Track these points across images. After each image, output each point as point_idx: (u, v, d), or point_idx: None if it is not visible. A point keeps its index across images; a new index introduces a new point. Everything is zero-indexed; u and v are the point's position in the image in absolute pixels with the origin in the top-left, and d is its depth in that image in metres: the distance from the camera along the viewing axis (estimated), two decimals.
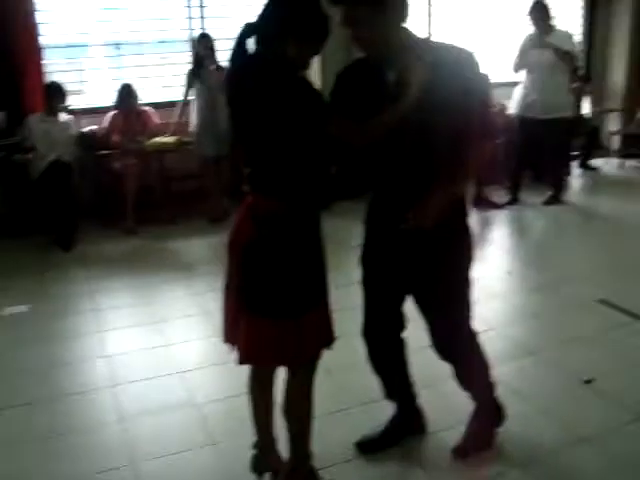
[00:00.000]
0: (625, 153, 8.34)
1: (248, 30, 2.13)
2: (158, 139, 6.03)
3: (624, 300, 4.05)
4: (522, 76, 6.30)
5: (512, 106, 6.44)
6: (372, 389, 2.76)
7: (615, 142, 8.62)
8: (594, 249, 5.27)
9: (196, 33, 6.31)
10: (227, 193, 5.93)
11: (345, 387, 3.13)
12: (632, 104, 8.71)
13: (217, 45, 5.92)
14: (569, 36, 6.25)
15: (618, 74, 8.89)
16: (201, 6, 6.61)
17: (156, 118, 6.19)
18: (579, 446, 2.67)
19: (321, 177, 2.25)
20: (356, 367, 2.85)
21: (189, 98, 6.01)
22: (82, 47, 6.52)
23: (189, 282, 4.68)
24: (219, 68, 5.81)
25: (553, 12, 6.07)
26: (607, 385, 3.11)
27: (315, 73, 5.83)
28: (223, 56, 5.83)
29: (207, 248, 5.42)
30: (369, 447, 2.68)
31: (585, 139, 8.21)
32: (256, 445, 2.46)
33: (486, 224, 6.03)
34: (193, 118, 6.00)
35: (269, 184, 2.16)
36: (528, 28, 6.19)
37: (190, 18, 6.60)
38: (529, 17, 6.07)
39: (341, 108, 2.23)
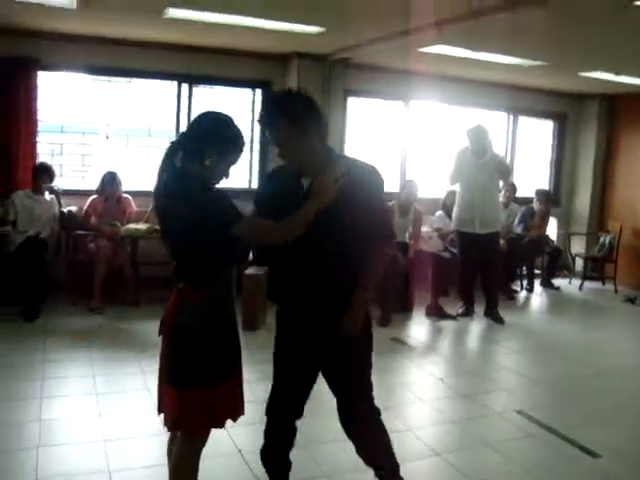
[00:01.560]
0: (587, 275, 8.73)
1: (173, 146, 2.49)
2: (132, 225, 6.42)
3: (539, 413, 4.32)
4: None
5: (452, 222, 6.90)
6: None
7: (579, 264, 9.02)
8: (524, 364, 5.59)
9: (182, 124, 6.91)
10: None
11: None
12: (595, 229, 9.18)
13: None
14: (502, 158, 6.90)
15: (583, 201, 9.40)
16: (189, 98, 7.23)
17: (134, 206, 6.62)
18: None
19: (231, 267, 2.60)
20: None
21: None
22: (76, 133, 7.01)
23: (139, 361, 4.92)
24: None
25: (490, 136, 6.59)
26: None
27: None
28: None
29: None
30: None
31: (548, 259, 8.62)
32: None
33: (435, 332, 6.36)
34: None
35: (190, 275, 2.51)
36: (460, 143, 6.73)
37: (178, 110, 7.17)
38: (467, 137, 6.54)
39: (262, 206, 2.68)
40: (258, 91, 7.65)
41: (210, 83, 7.42)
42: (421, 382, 4.94)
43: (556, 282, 8.62)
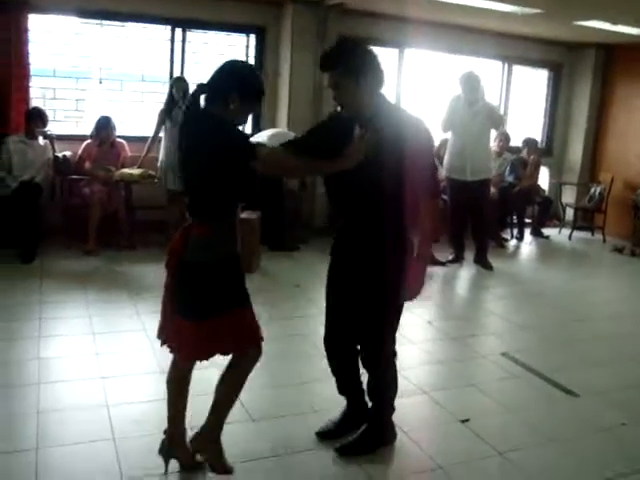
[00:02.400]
0: (576, 225, 8.84)
1: (200, 88, 2.65)
2: (126, 170, 6.46)
3: (524, 356, 4.45)
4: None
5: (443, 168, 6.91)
6: None
7: (569, 214, 9.12)
8: (511, 309, 5.72)
9: (176, 74, 6.88)
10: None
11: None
12: (586, 180, 9.25)
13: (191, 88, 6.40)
14: (494, 107, 6.89)
15: (576, 151, 9.43)
16: (183, 42, 7.19)
17: (128, 150, 6.64)
18: (434, 472, 3.03)
19: (242, 201, 2.82)
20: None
21: (159, 135, 6.47)
22: (68, 78, 6.97)
23: (134, 302, 5.03)
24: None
25: (483, 83, 6.59)
26: (479, 425, 3.47)
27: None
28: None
29: (159, 275, 5.75)
30: (327, 435, 3.21)
31: (539, 208, 8.70)
32: (165, 432, 2.83)
33: (425, 278, 6.45)
34: (161, 154, 6.45)
35: (201, 211, 2.65)
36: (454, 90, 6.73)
37: (172, 60, 7.14)
38: (460, 84, 6.54)
39: (319, 142, 2.86)
40: (252, 36, 7.60)
41: (204, 28, 7.34)
42: (411, 325, 5.04)
43: (546, 231, 8.74)
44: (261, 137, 6.75)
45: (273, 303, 5.22)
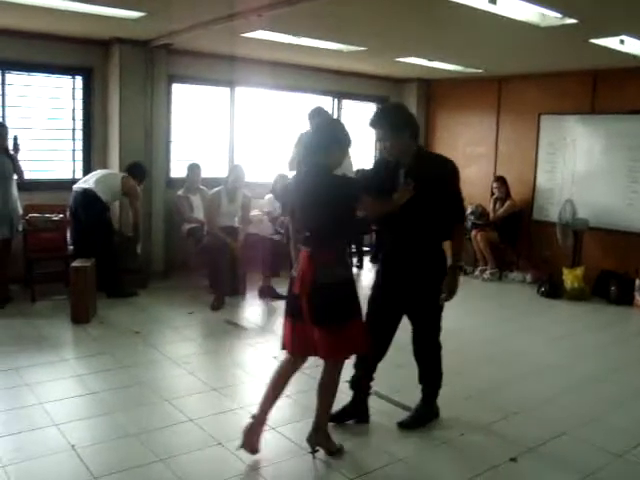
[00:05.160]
0: None
1: (307, 149, 3.44)
2: None
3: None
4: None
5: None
6: None
7: None
8: None
9: None
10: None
11: None
12: None
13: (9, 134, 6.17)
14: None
15: None
16: (2, 85, 6.85)
17: None
18: None
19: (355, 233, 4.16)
20: None
21: None
22: None
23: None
24: (10, 155, 6.06)
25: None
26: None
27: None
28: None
29: None
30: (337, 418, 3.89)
31: (376, 236, 8.98)
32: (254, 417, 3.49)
33: (268, 313, 6.57)
34: None
35: (325, 242, 3.35)
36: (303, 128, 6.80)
37: None
38: (308, 119, 6.54)
39: (370, 188, 3.55)
40: (79, 78, 7.36)
41: (26, 70, 7.01)
42: (255, 360, 5.06)
43: None
44: (88, 183, 6.55)
45: (112, 352, 5.04)
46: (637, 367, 5.32)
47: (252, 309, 6.67)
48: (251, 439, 3.44)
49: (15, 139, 6.13)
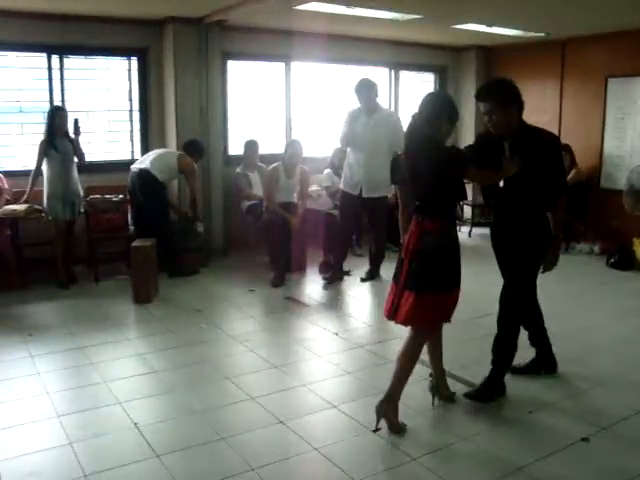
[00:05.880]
0: (475, 222, 9.05)
1: (417, 117, 3.46)
2: (10, 207, 6.15)
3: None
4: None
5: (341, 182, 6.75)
6: None
7: (467, 212, 9.33)
8: None
9: (56, 99, 6.72)
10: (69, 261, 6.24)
11: None
12: None
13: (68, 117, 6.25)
14: (392, 114, 6.83)
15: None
16: (61, 70, 6.92)
17: (6, 183, 6.35)
18: None
19: (460, 200, 4.27)
20: None
21: (42, 167, 6.18)
22: None
23: (27, 345, 4.77)
24: (70, 139, 6.13)
25: (379, 91, 6.49)
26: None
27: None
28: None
29: (52, 313, 5.56)
30: (516, 371, 4.16)
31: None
32: (431, 375, 3.83)
33: (328, 289, 6.47)
34: (45, 186, 6.14)
35: (433, 210, 3.44)
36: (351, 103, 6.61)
37: (50, 89, 6.87)
38: (356, 93, 6.35)
39: (478, 160, 3.64)
40: (134, 60, 7.40)
41: (82, 54, 7.09)
42: (316, 338, 5.01)
43: None
44: (144, 163, 6.59)
45: (174, 331, 5.07)
46: None
47: (313, 286, 6.60)
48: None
49: (76, 122, 6.19)
